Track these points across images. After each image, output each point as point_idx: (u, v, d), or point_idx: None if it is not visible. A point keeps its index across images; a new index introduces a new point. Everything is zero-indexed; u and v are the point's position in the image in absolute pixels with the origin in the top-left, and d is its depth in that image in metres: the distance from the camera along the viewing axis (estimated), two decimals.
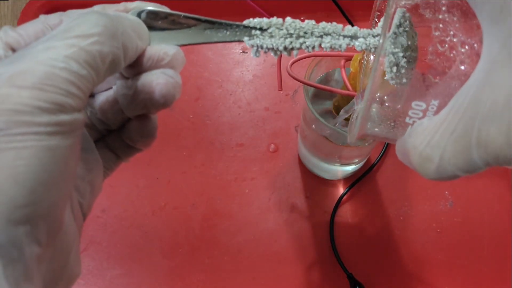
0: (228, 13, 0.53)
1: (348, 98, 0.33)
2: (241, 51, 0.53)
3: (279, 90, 0.32)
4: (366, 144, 0.35)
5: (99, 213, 0.44)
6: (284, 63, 0.32)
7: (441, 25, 0.17)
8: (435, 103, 0.18)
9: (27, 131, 0.14)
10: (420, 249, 0.43)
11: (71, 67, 0.15)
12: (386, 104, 0.19)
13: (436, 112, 0.18)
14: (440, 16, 0.17)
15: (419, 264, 0.42)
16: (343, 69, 0.31)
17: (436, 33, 0.17)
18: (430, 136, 0.16)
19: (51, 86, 0.14)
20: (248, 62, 0.52)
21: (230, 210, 0.44)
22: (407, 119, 0.19)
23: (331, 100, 0.36)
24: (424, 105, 0.18)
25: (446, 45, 0.17)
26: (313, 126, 0.36)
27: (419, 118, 0.18)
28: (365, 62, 0.26)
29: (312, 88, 0.35)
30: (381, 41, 0.18)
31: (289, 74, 0.31)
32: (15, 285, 0.13)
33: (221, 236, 0.43)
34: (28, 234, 0.14)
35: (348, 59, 0.32)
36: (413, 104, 0.18)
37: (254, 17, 0.20)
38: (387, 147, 0.47)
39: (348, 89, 0.31)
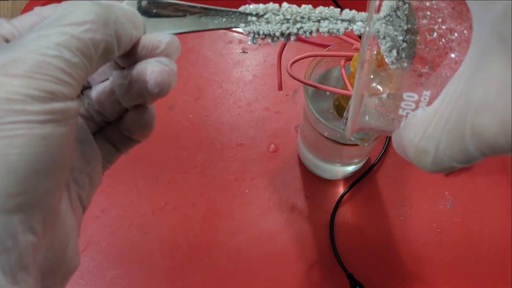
0: None
1: (348, 98, 0.33)
2: (241, 51, 0.53)
3: (279, 90, 0.32)
4: (366, 144, 0.35)
5: (98, 213, 0.44)
6: (284, 63, 0.32)
7: (428, 13, 0.17)
8: (427, 93, 0.17)
9: (18, 119, 0.14)
10: (420, 249, 0.43)
11: (63, 54, 0.15)
12: (378, 96, 0.19)
13: (429, 102, 0.17)
14: (428, 4, 0.17)
15: (419, 264, 0.42)
16: (343, 69, 0.31)
17: (424, 21, 0.17)
18: (424, 128, 0.16)
19: (43, 74, 0.14)
20: (248, 62, 0.52)
21: (230, 210, 0.44)
22: (400, 111, 0.18)
23: (331, 99, 0.36)
24: (416, 96, 0.18)
25: (435, 33, 0.17)
26: (314, 125, 0.36)
27: (413, 110, 0.18)
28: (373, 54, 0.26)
29: (312, 88, 0.35)
30: (367, 27, 0.17)
31: (289, 74, 0.31)
32: (10, 273, 0.14)
33: (221, 236, 0.43)
34: (22, 223, 0.14)
35: (348, 58, 0.32)
36: (405, 95, 0.18)
37: None
38: (387, 147, 0.47)
39: (348, 89, 0.31)
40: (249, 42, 0.20)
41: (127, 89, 0.19)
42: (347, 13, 0.19)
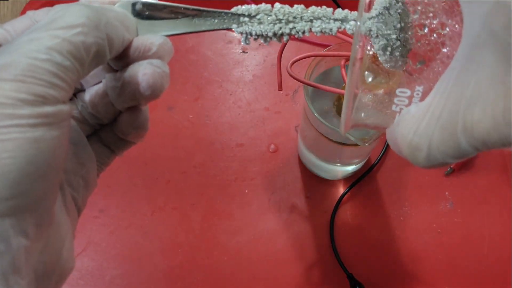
0: None
1: None
2: (241, 51, 0.53)
3: (279, 90, 0.32)
4: (366, 144, 0.35)
5: (97, 213, 0.44)
6: (284, 63, 0.31)
7: (419, 8, 0.17)
8: (419, 89, 0.17)
9: (10, 123, 0.14)
10: (420, 249, 0.43)
11: (54, 58, 0.15)
12: (373, 92, 0.19)
13: (422, 98, 0.17)
14: None
15: (419, 264, 0.42)
16: (343, 69, 0.31)
17: (415, 16, 0.17)
18: (417, 124, 0.15)
19: (33, 78, 0.14)
20: (248, 62, 0.52)
21: (230, 210, 0.44)
22: (393, 107, 0.18)
23: (332, 99, 0.36)
24: (408, 92, 0.17)
25: (426, 28, 0.17)
26: (314, 125, 0.36)
27: (406, 106, 0.18)
28: (367, 51, 0.25)
29: (312, 88, 0.35)
30: (358, 23, 0.17)
31: (289, 74, 0.31)
32: (2, 276, 0.14)
33: (221, 236, 0.43)
34: (15, 226, 0.14)
35: (348, 58, 0.32)
36: (398, 91, 0.18)
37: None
38: (387, 147, 0.47)
39: None
40: (242, 43, 0.20)
41: (120, 91, 0.19)
42: (340, 12, 0.19)
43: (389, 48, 0.18)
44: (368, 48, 0.18)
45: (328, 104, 0.36)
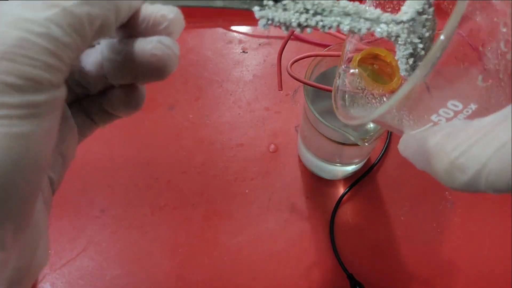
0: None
1: None
2: (241, 51, 0.53)
3: (279, 90, 0.32)
4: (366, 144, 0.35)
5: (98, 213, 0.44)
6: (284, 63, 0.32)
7: (510, 22, 0.15)
8: (473, 107, 0.15)
9: None
10: (420, 250, 0.43)
11: (52, 32, 0.12)
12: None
13: (470, 117, 0.16)
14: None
15: (419, 264, 0.42)
16: None
17: (504, 30, 0.15)
18: (469, 144, 0.14)
19: (25, 57, 0.11)
20: (248, 62, 0.52)
21: (230, 210, 0.44)
22: (433, 117, 0.16)
23: (332, 99, 0.36)
24: (460, 106, 0.16)
25: (510, 46, 0.15)
26: (314, 125, 0.36)
27: (448, 119, 0.16)
28: (348, 45, 0.25)
29: (312, 88, 0.35)
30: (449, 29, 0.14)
31: (289, 74, 0.31)
32: None
33: (221, 236, 0.43)
34: None
35: (349, 59, 0.32)
36: (449, 103, 0.16)
37: None
38: (387, 147, 0.47)
39: None
40: (259, 27, 0.17)
41: (119, 66, 0.16)
42: (372, 12, 0.17)
43: (412, 58, 0.16)
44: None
45: (328, 104, 0.36)
